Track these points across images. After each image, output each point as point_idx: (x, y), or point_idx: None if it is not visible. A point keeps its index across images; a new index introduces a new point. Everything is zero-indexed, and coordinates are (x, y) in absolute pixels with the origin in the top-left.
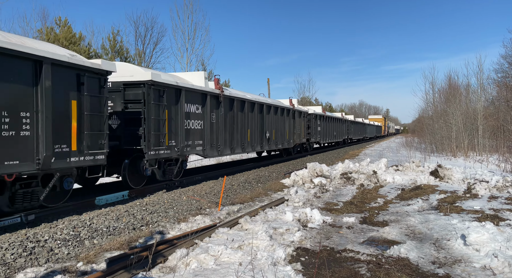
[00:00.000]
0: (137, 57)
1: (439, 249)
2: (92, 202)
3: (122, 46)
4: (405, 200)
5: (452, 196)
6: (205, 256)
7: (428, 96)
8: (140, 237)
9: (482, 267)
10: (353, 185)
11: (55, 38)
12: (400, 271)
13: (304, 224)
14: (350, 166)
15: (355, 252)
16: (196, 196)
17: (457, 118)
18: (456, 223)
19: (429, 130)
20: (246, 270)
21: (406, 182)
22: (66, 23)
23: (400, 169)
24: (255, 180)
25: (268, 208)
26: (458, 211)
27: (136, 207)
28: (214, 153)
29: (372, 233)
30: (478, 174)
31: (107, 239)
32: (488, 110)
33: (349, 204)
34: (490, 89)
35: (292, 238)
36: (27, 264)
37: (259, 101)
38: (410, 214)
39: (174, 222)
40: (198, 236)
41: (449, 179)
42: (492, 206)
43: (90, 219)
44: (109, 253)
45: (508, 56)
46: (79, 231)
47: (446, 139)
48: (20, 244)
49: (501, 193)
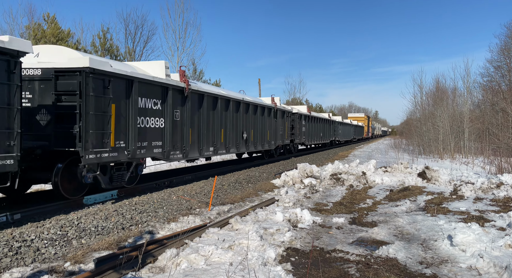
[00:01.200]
0: (127, 55)
1: (427, 249)
2: (80, 201)
3: (112, 44)
4: (393, 201)
5: (439, 197)
6: (195, 256)
7: (416, 98)
8: (129, 237)
9: (468, 267)
10: (342, 186)
11: (43, 34)
12: (388, 271)
13: (294, 224)
14: (340, 167)
15: (344, 252)
16: (186, 196)
17: (444, 120)
18: (442, 224)
19: (417, 132)
20: (236, 270)
21: (394, 183)
22: (54, 20)
23: (389, 171)
24: (246, 181)
25: (259, 208)
26: (444, 212)
27: (125, 206)
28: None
29: (361, 234)
30: (464, 176)
31: (96, 239)
32: (474, 113)
33: (339, 205)
34: (476, 92)
35: (282, 238)
36: (13, 264)
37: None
38: (398, 215)
39: (164, 222)
40: (188, 236)
41: (436, 181)
42: (477, 207)
43: (78, 218)
44: (98, 253)
45: (494, 61)
46: (66, 231)
47: (433, 141)
48: (5, 243)
49: (486, 194)
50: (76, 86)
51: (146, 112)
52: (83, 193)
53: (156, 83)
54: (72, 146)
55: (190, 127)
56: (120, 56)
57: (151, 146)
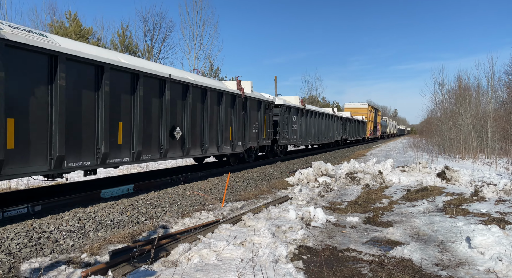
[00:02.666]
0: (146, 52)
1: (443, 251)
2: (97, 195)
3: (131, 41)
4: (410, 201)
5: (459, 198)
6: (207, 251)
7: (437, 97)
8: (143, 231)
9: (486, 270)
10: (358, 185)
11: (65, 32)
12: (402, 272)
13: (307, 222)
14: (356, 166)
15: (357, 251)
16: (200, 192)
17: (466, 119)
18: (461, 226)
19: (437, 131)
20: (247, 266)
21: (412, 183)
22: (75, 17)
23: (406, 170)
24: (260, 178)
25: (272, 205)
26: (464, 214)
27: (140, 201)
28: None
29: (375, 233)
30: (486, 177)
31: (111, 232)
32: (498, 113)
33: (354, 204)
34: (500, 91)
35: (294, 236)
36: (32, 254)
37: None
38: (415, 216)
39: (178, 217)
40: (201, 232)
41: (456, 181)
42: (499, 209)
43: (95, 211)
44: (113, 246)
45: None
46: (84, 223)
47: (454, 140)
48: (26, 234)
49: (508, 196)
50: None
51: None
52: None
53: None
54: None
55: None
56: (139, 53)
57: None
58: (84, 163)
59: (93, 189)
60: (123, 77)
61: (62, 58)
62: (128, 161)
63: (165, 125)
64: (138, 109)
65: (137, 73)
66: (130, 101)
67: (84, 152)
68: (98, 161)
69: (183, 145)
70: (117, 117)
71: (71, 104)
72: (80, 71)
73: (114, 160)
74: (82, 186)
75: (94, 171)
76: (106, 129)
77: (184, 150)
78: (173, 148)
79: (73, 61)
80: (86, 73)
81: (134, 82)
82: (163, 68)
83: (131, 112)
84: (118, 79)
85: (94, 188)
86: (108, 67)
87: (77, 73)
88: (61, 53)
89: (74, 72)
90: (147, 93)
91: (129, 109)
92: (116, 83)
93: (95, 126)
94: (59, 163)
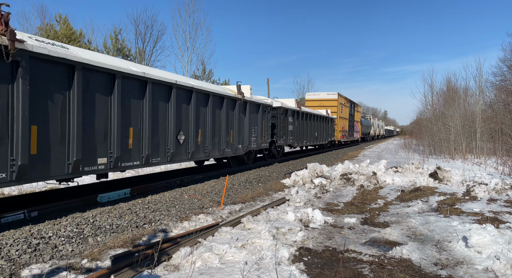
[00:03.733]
0: (138, 55)
1: (441, 250)
2: (94, 200)
3: (124, 45)
4: (405, 202)
5: (452, 198)
6: (209, 254)
7: (427, 98)
8: (143, 235)
9: (485, 269)
10: (353, 186)
11: (55, 35)
12: (403, 272)
13: (306, 224)
14: (350, 167)
15: (357, 252)
16: (198, 195)
17: (455, 120)
18: (456, 225)
19: (428, 132)
20: (251, 269)
21: (405, 183)
22: (66, 20)
23: (400, 171)
24: (256, 180)
25: (270, 207)
26: (458, 213)
27: (138, 205)
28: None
29: (373, 234)
30: (477, 176)
31: (111, 237)
32: (486, 113)
33: (350, 205)
34: (488, 92)
35: (294, 238)
36: (32, 261)
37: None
38: (410, 216)
39: (177, 220)
40: (201, 235)
41: (448, 181)
42: (491, 208)
43: (93, 216)
44: (113, 251)
45: (506, 60)
46: (82, 228)
47: (444, 141)
48: (24, 240)
49: (500, 195)
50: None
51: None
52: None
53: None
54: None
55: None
56: (131, 56)
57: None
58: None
59: (88, 194)
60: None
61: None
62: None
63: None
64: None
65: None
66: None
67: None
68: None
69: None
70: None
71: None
72: (95, 79)
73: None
74: (76, 191)
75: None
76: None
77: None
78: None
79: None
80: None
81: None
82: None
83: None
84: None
85: (89, 193)
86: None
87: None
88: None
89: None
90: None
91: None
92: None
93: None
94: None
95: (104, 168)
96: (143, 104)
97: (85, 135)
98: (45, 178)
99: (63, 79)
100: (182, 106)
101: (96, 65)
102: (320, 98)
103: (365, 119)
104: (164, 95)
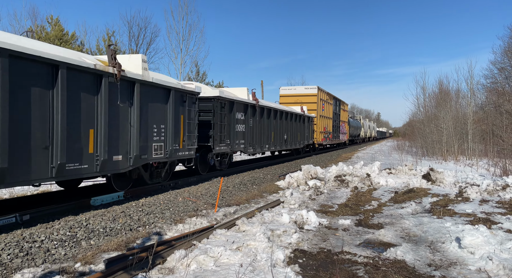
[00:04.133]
0: None
1: (435, 251)
2: (87, 203)
3: (117, 48)
4: (398, 203)
5: (444, 199)
6: (204, 257)
7: (419, 100)
8: (137, 238)
9: (478, 269)
10: (347, 187)
11: (46, 36)
12: (397, 273)
13: (301, 226)
14: (344, 169)
15: (352, 254)
16: (192, 197)
17: (447, 122)
18: (449, 226)
19: (420, 134)
20: (246, 271)
21: (399, 185)
22: (57, 22)
23: (393, 172)
24: (250, 182)
25: (265, 210)
26: (451, 214)
27: (132, 208)
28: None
29: (368, 236)
30: (469, 177)
31: (104, 240)
32: (478, 115)
33: (344, 207)
34: (479, 94)
35: (289, 240)
36: (24, 265)
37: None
38: (404, 217)
39: (171, 223)
40: (196, 237)
41: (441, 183)
42: (483, 209)
43: (87, 219)
44: (107, 254)
45: (497, 62)
46: (75, 232)
47: (437, 143)
48: (16, 244)
49: (491, 196)
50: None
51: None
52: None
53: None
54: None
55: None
56: None
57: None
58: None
59: (80, 197)
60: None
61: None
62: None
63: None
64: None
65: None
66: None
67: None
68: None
69: (287, 143)
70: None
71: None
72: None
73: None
74: (68, 194)
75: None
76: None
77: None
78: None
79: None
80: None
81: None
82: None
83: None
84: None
85: (82, 196)
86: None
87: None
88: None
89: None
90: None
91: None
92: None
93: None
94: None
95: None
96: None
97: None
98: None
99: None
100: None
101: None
102: (296, 93)
103: (354, 120)
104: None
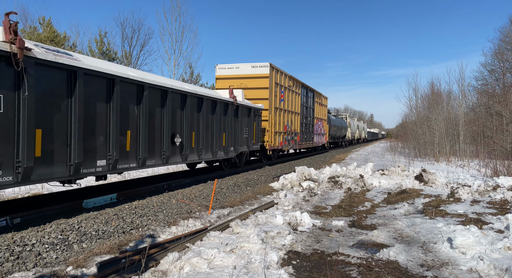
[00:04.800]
0: (124, 59)
1: (427, 252)
2: (79, 205)
3: (109, 48)
4: (391, 204)
5: (437, 200)
6: (197, 259)
7: (411, 102)
8: (130, 241)
9: (469, 269)
10: (340, 188)
11: (38, 38)
12: (390, 274)
13: (295, 227)
14: (338, 170)
15: (345, 255)
16: (185, 200)
17: (439, 123)
18: (441, 227)
19: (413, 135)
20: (240, 273)
21: (392, 186)
22: (49, 23)
23: (386, 173)
24: (244, 184)
25: (259, 211)
26: (443, 215)
27: (125, 210)
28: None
29: (361, 237)
30: (460, 178)
31: (97, 243)
32: (469, 116)
33: (338, 208)
34: (470, 96)
35: (283, 242)
36: (15, 269)
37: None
38: (397, 218)
39: (165, 225)
40: (189, 240)
41: (433, 184)
42: (475, 210)
43: (79, 222)
44: (99, 257)
45: (487, 64)
46: (67, 235)
47: (429, 144)
48: (7, 248)
49: (483, 197)
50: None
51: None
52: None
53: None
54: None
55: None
56: (117, 59)
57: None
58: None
59: (73, 200)
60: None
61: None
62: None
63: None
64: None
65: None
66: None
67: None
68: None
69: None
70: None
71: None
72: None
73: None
74: (60, 196)
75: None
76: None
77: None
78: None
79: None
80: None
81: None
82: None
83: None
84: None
85: (74, 198)
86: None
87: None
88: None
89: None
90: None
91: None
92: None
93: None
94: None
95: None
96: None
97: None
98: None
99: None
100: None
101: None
102: (240, 75)
103: (337, 118)
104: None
